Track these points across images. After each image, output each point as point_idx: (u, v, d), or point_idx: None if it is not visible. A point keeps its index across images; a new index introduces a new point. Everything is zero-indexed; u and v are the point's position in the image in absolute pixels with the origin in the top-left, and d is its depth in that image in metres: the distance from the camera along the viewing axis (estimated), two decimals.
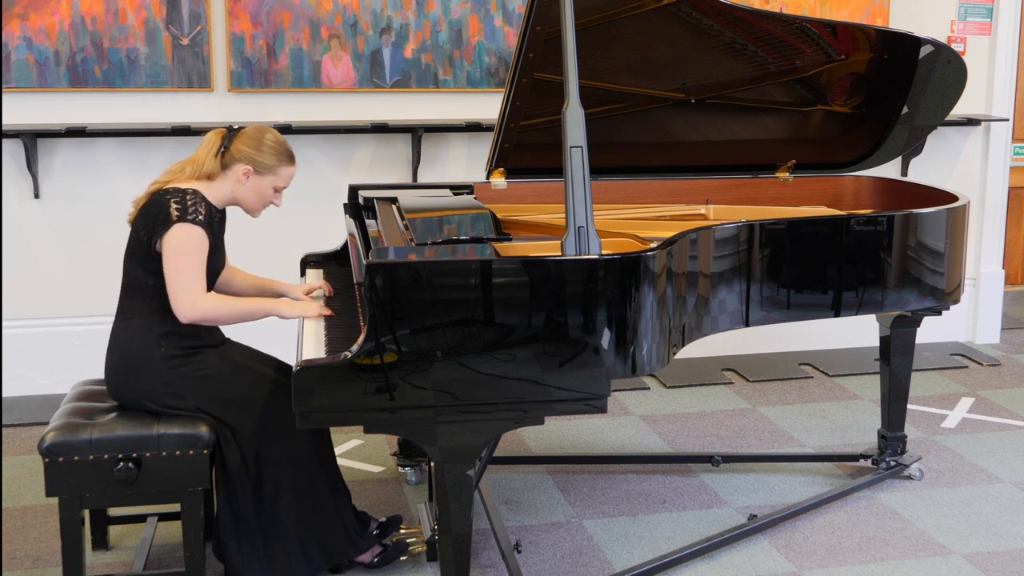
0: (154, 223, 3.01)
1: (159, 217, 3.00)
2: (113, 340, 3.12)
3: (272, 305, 3.15)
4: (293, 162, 3.19)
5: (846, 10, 5.32)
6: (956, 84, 3.86)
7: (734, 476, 4.02)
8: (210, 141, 3.13)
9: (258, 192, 3.15)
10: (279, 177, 3.16)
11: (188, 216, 2.99)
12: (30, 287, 4.74)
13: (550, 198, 3.88)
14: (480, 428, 2.81)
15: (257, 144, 3.12)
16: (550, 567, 3.37)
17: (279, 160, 3.14)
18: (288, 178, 3.19)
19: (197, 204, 3.03)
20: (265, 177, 3.13)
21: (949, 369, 5.30)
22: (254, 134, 3.13)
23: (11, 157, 4.64)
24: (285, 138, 3.19)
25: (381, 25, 4.83)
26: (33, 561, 3.40)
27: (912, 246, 3.58)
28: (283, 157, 3.15)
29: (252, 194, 3.15)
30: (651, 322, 2.88)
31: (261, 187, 3.14)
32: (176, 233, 2.98)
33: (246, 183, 3.12)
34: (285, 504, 3.10)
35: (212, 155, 3.11)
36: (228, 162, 3.11)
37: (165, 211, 3.00)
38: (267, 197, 3.18)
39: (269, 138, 3.14)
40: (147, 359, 3.05)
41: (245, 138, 3.12)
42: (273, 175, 3.14)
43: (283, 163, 3.15)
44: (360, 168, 4.93)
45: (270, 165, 3.13)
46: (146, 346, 3.05)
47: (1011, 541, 3.56)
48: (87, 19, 4.57)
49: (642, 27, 3.58)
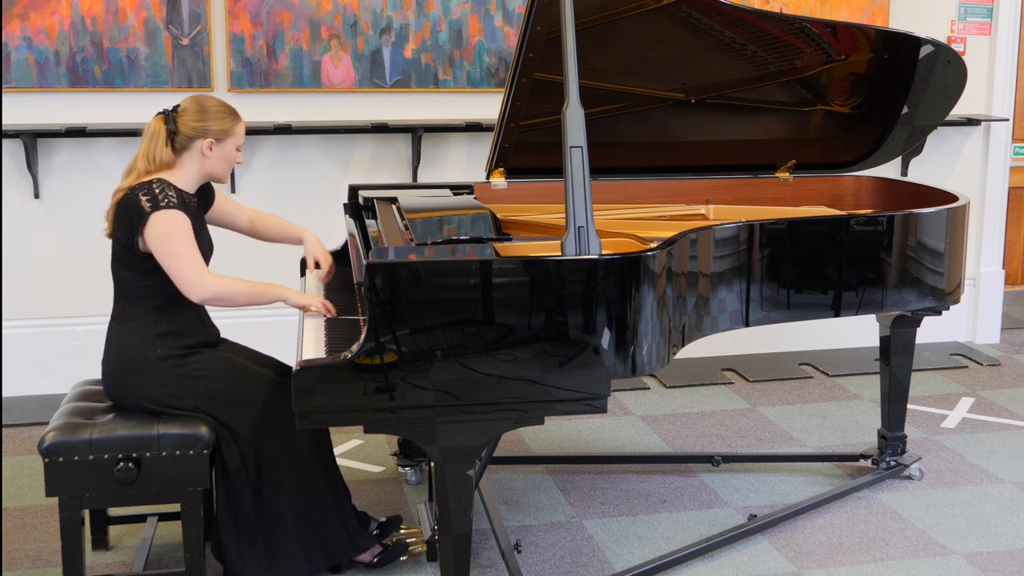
0: (130, 222, 3.00)
1: (133, 214, 2.99)
2: (109, 343, 3.12)
3: (280, 291, 3.15)
4: (240, 116, 3.18)
5: (846, 10, 5.32)
6: (956, 84, 3.86)
7: (734, 476, 4.02)
8: (153, 130, 3.09)
9: (225, 158, 3.14)
10: (237, 136, 3.15)
11: (160, 204, 2.98)
12: (30, 287, 4.74)
13: (550, 198, 3.88)
14: (480, 428, 2.81)
15: (205, 115, 3.09)
16: (550, 567, 3.37)
17: (232, 120, 3.13)
18: (243, 133, 3.18)
19: (165, 190, 3.01)
20: (226, 141, 3.13)
21: (949, 369, 5.30)
22: (195, 107, 3.10)
23: (11, 157, 4.64)
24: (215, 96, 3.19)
25: (381, 25, 4.83)
26: (33, 561, 3.40)
27: (912, 246, 3.58)
28: (233, 116, 3.14)
29: (221, 162, 3.14)
30: (651, 322, 2.88)
31: (226, 152, 3.14)
32: (155, 223, 2.97)
33: (212, 155, 3.11)
34: (285, 504, 3.10)
35: (161, 143, 3.07)
36: (182, 143, 3.09)
37: (137, 207, 2.99)
38: (233, 159, 3.17)
39: (212, 104, 3.12)
40: (143, 360, 3.05)
41: (190, 113, 3.09)
42: (232, 137, 3.13)
43: (236, 121, 3.15)
44: (360, 168, 4.93)
45: (226, 128, 3.11)
46: (142, 347, 3.05)
47: (1011, 541, 3.56)
48: (87, 19, 4.58)
49: (642, 27, 3.58)
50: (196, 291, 3.00)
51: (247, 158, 4.80)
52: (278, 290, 3.15)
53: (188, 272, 2.99)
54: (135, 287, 3.06)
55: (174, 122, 3.08)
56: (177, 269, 2.99)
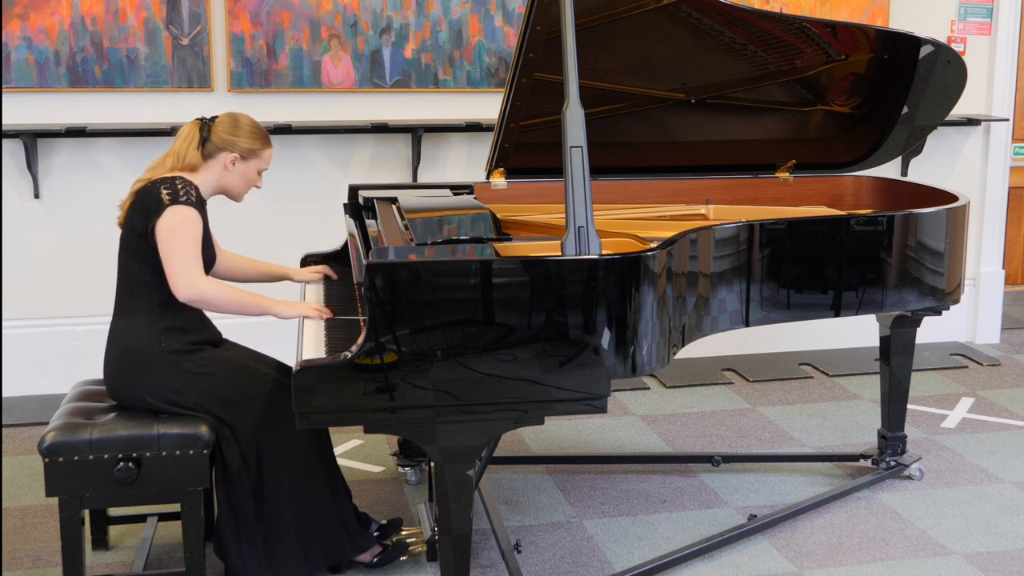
0: (147, 212, 3.03)
1: (151, 205, 3.03)
2: (112, 338, 3.12)
3: (271, 304, 3.15)
4: (271, 143, 3.24)
5: (846, 10, 5.32)
6: (956, 84, 3.86)
7: (734, 476, 4.02)
8: (188, 132, 3.16)
9: (244, 177, 3.20)
10: (262, 160, 3.22)
11: (180, 199, 3.02)
12: (30, 287, 4.74)
13: (550, 198, 3.88)
14: (480, 428, 2.81)
15: (236, 131, 3.16)
16: (550, 567, 3.37)
17: (261, 143, 3.20)
18: (269, 159, 3.25)
19: (187, 187, 3.06)
20: (251, 162, 3.19)
21: (949, 369, 5.30)
22: (230, 121, 3.17)
23: (11, 157, 4.64)
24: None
25: (381, 25, 4.83)
26: (33, 561, 3.40)
27: (912, 246, 3.58)
28: (263, 140, 3.21)
29: (239, 180, 3.20)
30: (651, 322, 2.88)
31: (247, 172, 3.20)
32: (170, 215, 3.01)
33: (233, 170, 3.17)
34: (286, 504, 3.10)
35: (193, 146, 3.13)
36: (210, 151, 3.15)
37: (156, 197, 3.02)
38: (252, 181, 3.23)
39: (246, 123, 3.19)
40: (148, 355, 3.05)
41: (223, 126, 3.16)
42: (257, 159, 3.20)
43: (265, 145, 3.21)
44: (360, 168, 4.93)
45: (254, 149, 3.18)
46: (147, 342, 3.05)
47: (1011, 541, 3.56)
48: (87, 19, 4.58)
49: (642, 27, 3.58)
50: (182, 288, 3.01)
51: None
52: (267, 303, 3.15)
53: (181, 268, 3.00)
54: (142, 281, 3.07)
55: (208, 129, 3.15)
56: (172, 262, 3.00)
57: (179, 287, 3.01)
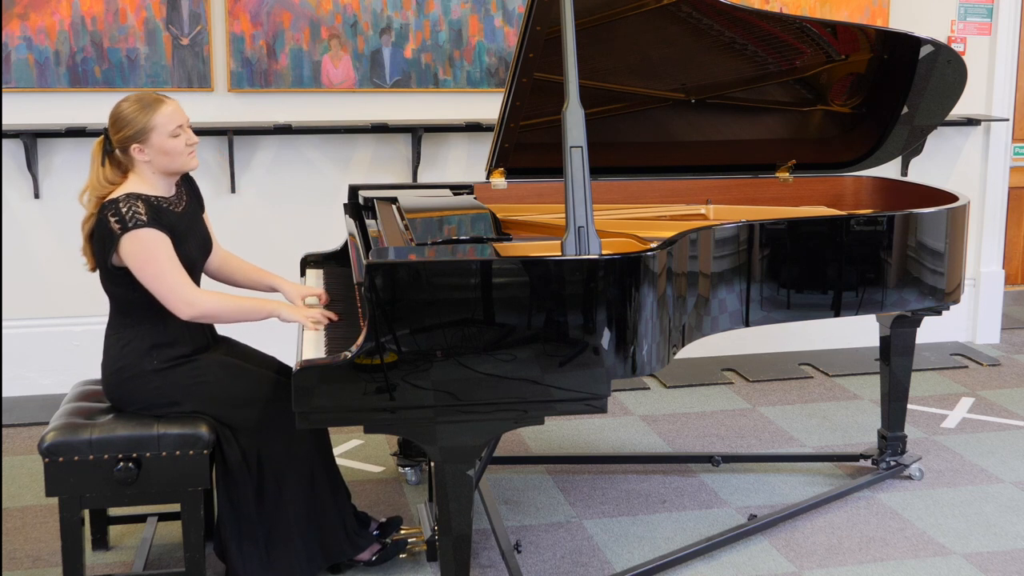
0: (102, 243, 2.98)
1: (105, 236, 2.96)
2: (107, 351, 3.12)
3: (273, 307, 3.12)
4: (162, 101, 3.03)
5: (846, 10, 5.32)
6: (956, 84, 3.86)
7: (734, 476, 4.02)
8: (94, 155, 3.05)
9: (163, 151, 3.01)
10: (163, 125, 2.99)
11: (129, 225, 2.92)
12: (30, 287, 4.74)
13: (550, 198, 3.88)
14: (480, 428, 2.81)
15: (120, 122, 3.00)
16: (550, 567, 3.37)
17: (147, 114, 2.99)
18: (170, 115, 3.01)
19: (131, 207, 2.94)
20: (153, 136, 3.00)
21: (949, 369, 5.30)
22: (113, 118, 3.02)
23: (11, 157, 4.64)
24: (140, 90, 3.07)
25: (381, 25, 4.83)
26: (33, 561, 3.40)
27: (912, 246, 3.58)
28: (146, 109, 3.00)
29: (163, 157, 3.02)
30: (651, 322, 2.88)
31: (162, 145, 3.01)
32: (127, 245, 2.93)
33: (148, 155, 3.01)
34: (286, 503, 3.10)
35: (107, 165, 3.03)
36: (120, 157, 3.03)
37: (107, 228, 2.95)
38: (175, 147, 3.03)
39: (123, 108, 3.01)
40: (141, 372, 3.04)
41: (112, 128, 3.02)
42: (156, 130, 3.00)
43: (150, 113, 3.00)
44: (360, 168, 4.93)
45: (141, 127, 2.98)
46: (137, 360, 3.04)
47: (1011, 541, 3.56)
48: (87, 19, 4.57)
49: (642, 27, 3.58)
50: (183, 310, 2.97)
51: (247, 158, 4.80)
52: (270, 305, 3.11)
53: (170, 292, 2.95)
54: (127, 299, 3.04)
55: (107, 140, 3.04)
56: (159, 290, 2.95)
57: (178, 309, 2.97)
